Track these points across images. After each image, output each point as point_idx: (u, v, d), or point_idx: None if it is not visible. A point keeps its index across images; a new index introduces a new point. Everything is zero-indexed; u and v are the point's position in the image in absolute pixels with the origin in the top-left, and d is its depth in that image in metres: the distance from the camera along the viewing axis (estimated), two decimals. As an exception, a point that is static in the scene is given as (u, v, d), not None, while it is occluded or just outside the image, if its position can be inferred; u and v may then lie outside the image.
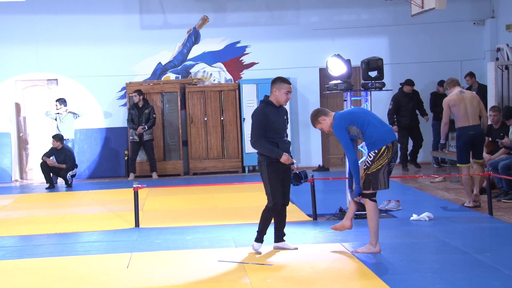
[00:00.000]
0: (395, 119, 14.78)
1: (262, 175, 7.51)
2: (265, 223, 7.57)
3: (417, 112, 15.05)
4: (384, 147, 7.16)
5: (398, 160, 14.64)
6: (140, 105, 15.16)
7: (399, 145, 14.07)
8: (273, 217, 7.62)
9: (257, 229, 7.62)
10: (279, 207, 7.50)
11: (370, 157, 7.19)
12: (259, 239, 7.59)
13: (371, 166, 7.18)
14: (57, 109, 15.15)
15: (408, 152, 15.15)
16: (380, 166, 7.16)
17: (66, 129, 15.05)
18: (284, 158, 7.30)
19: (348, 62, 9.33)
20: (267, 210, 7.53)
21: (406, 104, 14.75)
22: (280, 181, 7.46)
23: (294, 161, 7.49)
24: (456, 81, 10.56)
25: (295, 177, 7.60)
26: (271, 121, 7.35)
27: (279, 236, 7.73)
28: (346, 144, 7.21)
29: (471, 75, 14.55)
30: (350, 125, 7.22)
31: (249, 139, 7.51)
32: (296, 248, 7.63)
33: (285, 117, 7.54)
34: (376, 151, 7.17)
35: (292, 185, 7.65)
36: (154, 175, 15.36)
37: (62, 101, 15.13)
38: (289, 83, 7.46)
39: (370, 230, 7.36)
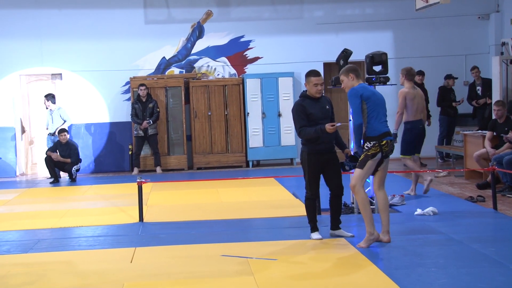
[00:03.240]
0: None
1: (302, 164, 7.86)
2: (308, 212, 7.90)
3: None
4: (384, 141, 7.42)
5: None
6: (144, 99, 15.16)
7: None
8: (328, 206, 7.99)
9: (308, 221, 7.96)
10: (316, 197, 7.88)
11: (370, 143, 7.41)
12: (313, 228, 7.90)
13: (369, 149, 7.41)
14: (45, 105, 15.01)
15: None
16: (374, 152, 7.38)
17: (56, 126, 14.88)
18: (328, 127, 7.55)
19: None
20: (306, 200, 7.89)
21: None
22: (319, 172, 7.79)
23: (339, 124, 7.66)
24: (414, 75, 10.86)
25: (351, 159, 7.72)
26: (309, 112, 7.71)
27: (335, 224, 8.00)
28: (356, 109, 7.43)
29: (477, 68, 14.53)
30: (364, 100, 7.44)
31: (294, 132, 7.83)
32: (353, 236, 7.85)
33: (327, 107, 7.88)
34: (376, 141, 7.39)
35: (348, 169, 7.83)
36: (158, 169, 15.37)
37: (50, 97, 15.01)
38: (318, 75, 7.85)
39: (364, 219, 7.47)
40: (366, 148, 7.42)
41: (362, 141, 7.53)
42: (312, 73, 7.87)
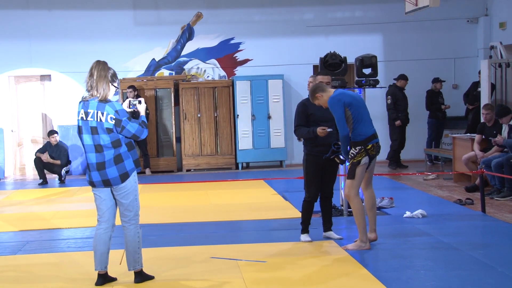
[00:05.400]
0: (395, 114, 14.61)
1: (303, 166, 7.91)
2: (304, 214, 7.92)
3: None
4: (370, 145, 7.34)
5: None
6: (134, 101, 15.11)
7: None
8: (319, 208, 8.00)
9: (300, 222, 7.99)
10: (314, 199, 7.85)
11: (355, 150, 7.33)
12: (303, 230, 7.93)
13: (355, 156, 7.34)
14: None
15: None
16: (361, 158, 7.32)
17: None
18: (319, 130, 7.55)
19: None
20: (304, 202, 7.90)
21: (402, 98, 14.67)
22: (318, 174, 7.78)
23: (330, 129, 7.61)
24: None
25: (335, 146, 7.64)
26: (309, 113, 7.74)
27: (326, 226, 8.06)
28: (339, 118, 7.30)
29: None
30: (346, 107, 7.31)
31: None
32: (341, 238, 7.89)
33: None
34: (361, 146, 7.31)
35: (342, 158, 7.63)
36: (148, 171, 15.34)
37: None
38: (324, 74, 7.88)
39: (358, 228, 7.44)
40: (352, 155, 7.34)
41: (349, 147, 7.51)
42: (319, 72, 7.91)
